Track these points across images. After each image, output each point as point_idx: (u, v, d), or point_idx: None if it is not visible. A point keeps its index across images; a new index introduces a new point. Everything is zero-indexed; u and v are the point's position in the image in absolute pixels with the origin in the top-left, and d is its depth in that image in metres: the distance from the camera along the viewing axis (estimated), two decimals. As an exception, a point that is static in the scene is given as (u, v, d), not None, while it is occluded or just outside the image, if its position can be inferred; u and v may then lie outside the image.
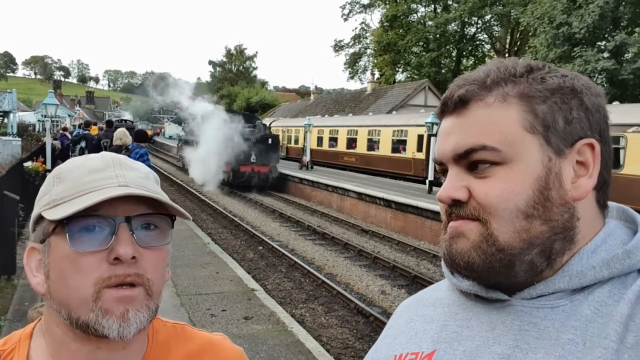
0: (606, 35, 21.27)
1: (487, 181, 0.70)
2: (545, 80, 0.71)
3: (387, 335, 0.87)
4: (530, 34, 28.48)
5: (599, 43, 21.53)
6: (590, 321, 0.65)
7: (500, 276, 0.70)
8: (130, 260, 0.76)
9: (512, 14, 32.54)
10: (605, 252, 0.70)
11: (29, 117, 42.86)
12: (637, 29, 19.58)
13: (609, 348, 0.61)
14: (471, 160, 0.71)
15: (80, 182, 0.79)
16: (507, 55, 35.54)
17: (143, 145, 8.59)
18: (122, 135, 8.36)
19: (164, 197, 0.82)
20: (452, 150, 0.72)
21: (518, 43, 36.18)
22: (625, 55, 20.31)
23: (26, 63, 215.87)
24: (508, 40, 37.46)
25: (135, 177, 0.82)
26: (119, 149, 8.09)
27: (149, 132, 9.67)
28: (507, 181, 0.69)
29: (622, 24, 21.14)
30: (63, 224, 0.76)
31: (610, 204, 0.77)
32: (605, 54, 20.84)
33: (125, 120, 47.69)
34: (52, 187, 0.81)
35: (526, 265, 0.69)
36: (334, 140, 28.88)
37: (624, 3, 20.57)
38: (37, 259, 0.81)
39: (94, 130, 16.69)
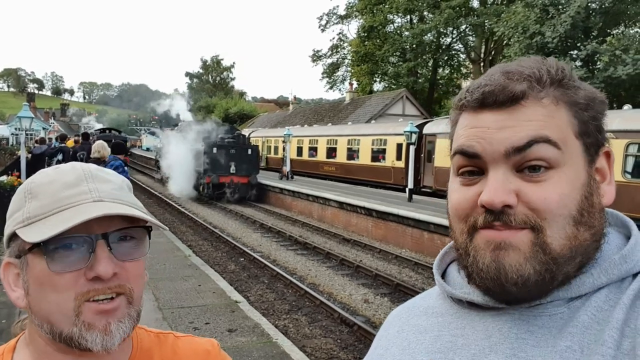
0: (578, 45, 21.76)
1: (543, 185, 0.66)
2: (583, 88, 0.71)
3: (378, 347, 0.86)
4: (504, 43, 29.00)
5: (571, 52, 22.02)
6: (587, 327, 0.65)
7: (543, 288, 0.67)
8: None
9: (486, 24, 33.06)
10: (601, 258, 0.69)
11: (2, 130, 42.17)
12: (608, 38, 20.03)
13: (606, 355, 0.61)
14: (526, 159, 0.67)
15: (54, 198, 0.78)
16: (482, 64, 36.11)
17: (120, 157, 8.50)
18: (100, 148, 8.23)
19: (138, 208, 0.82)
20: (509, 143, 0.67)
21: (492, 52, 36.76)
22: (597, 64, 20.78)
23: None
24: (483, 50, 38.05)
25: (109, 190, 0.82)
26: (97, 162, 7.96)
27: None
28: (563, 185, 0.66)
29: (593, 33, 21.65)
30: (39, 245, 0.75)
31: None
32: (578, 63, 21.32)
33: (111, 130, 44.46)
34: (25, 203, 0.80)
35: (562, 277, 0.67)
36: (313, 150, 28.90)
37: (594, 13, 21.12)
38: (15, 273, 0.81)
39: (69, 144, 16.46)
